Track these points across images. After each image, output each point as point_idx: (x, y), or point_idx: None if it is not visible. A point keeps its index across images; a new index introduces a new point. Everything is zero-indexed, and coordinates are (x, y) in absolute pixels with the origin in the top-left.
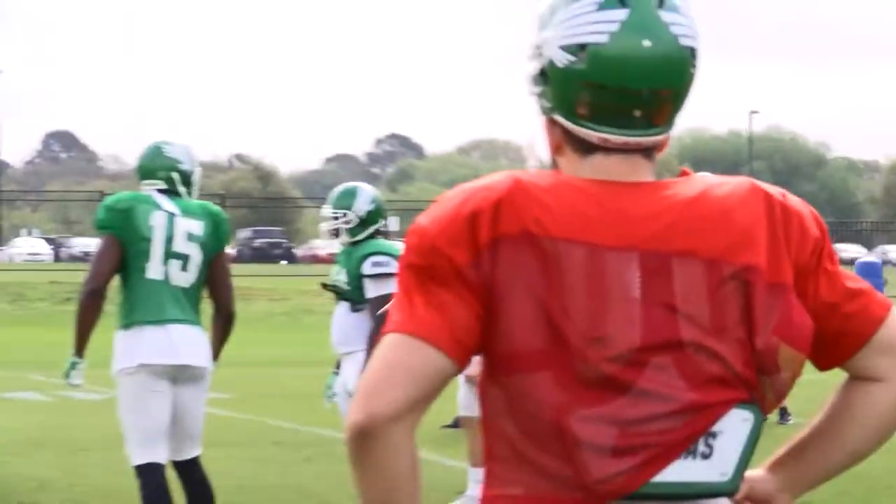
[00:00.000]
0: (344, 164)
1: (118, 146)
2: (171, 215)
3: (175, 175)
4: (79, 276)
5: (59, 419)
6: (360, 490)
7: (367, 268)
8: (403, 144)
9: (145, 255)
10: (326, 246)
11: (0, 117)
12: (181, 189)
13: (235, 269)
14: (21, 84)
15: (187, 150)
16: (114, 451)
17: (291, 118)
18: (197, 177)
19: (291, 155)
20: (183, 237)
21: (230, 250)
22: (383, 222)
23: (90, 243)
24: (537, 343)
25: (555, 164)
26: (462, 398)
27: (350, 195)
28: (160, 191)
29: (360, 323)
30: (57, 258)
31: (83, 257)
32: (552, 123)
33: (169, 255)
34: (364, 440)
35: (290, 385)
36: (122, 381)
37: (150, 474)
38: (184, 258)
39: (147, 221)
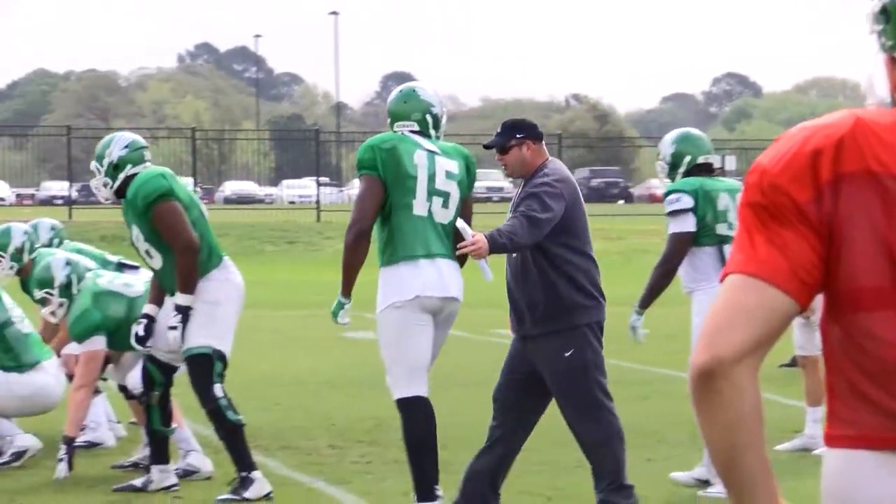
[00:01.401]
0: (681, 103)
1: (454, 87)
2: (432, 154)
3: (428, 118)
4: None
5: None
6: (703, 430)
7: (665, 206)
8: (741, 83)
9: (411, 193)
10: (663, 186)
11: (338, 59)
12: (431, 132)
13: None
14: (359, 25)
15: (437, 94)
16: (451, 389)
17: (628, 57)
18: (444, 121)
19: (628, 94)
20: (443, 175)
21: None
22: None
23: None
24: (879, 282)
25: (895, 103)
26: (798, 337)
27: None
28: (413, 132)
29: (702, 262)
30: None
31: None
32: (892, 62)
33: (432, 192)
34: (707, 381)
35: (625, 323)
36: (390, 315)
37: (418, 407)
38: (445, 195)
39: (411, 159)
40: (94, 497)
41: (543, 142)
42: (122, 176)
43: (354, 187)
